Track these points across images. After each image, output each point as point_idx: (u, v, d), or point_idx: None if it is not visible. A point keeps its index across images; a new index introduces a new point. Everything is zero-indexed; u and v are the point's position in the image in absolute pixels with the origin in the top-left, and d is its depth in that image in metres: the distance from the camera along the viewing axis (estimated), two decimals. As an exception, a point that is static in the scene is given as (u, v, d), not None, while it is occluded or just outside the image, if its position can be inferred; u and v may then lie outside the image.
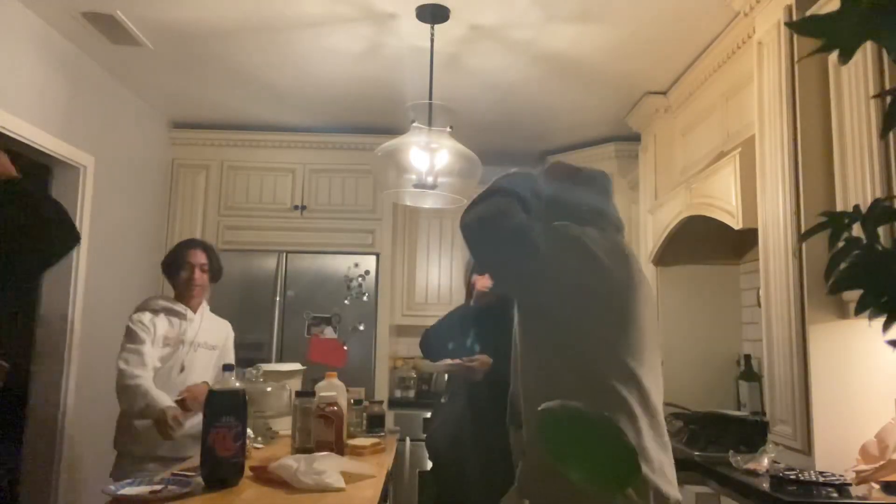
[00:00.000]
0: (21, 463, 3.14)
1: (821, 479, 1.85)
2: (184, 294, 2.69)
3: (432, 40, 2.92)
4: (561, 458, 0.58)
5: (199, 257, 2.70)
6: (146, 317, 2.57)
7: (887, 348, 0.58)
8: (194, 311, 2.70)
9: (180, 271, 2.67)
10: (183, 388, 2.53)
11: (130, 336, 2.52)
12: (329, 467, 1.84)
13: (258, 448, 2.35)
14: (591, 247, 1.36)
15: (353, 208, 4.41)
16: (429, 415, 3.75)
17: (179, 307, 2.66)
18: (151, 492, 1.67)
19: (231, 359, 2.80)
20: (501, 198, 1.40)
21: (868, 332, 1.96)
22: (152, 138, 4.20)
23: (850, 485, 1.82)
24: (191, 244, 2.76)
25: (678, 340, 3.41)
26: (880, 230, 0.60)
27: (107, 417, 3.48)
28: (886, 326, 0.56)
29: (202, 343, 2.68)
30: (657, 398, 1.38)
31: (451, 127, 2.77)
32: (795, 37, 2.23)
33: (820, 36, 0.56)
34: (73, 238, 1.77)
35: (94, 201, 3.49)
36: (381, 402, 2.85)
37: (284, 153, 4.44)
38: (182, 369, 2.58)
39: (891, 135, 1.76)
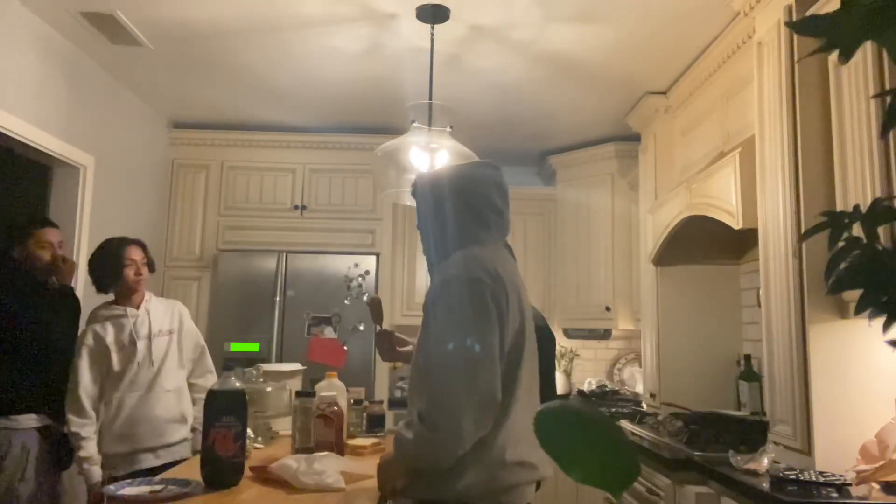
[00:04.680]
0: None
1: (821, 479, 1.85)
2: (129, 292, 2.63)
3: (432, 40, 2.91)
4: (560, 457, 0.58)
5: (139, 253, 2.66)
6: (89, 336, 2.53)
7: (887, 348, 0.58)
8: (137, 306, 2.64)
9: (124, 270, 2.59)
10: (159, 378, 2.57)
11: (72, 366, 2.50)
12: (329, 467, 1.84)
13: (258, 448, 2.35)
14: None
15: (353, 208, 4.40)
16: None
17: (118, 310, 2.60)
18: (151, 492, 1.67)
19: (196, 334, 2.81)
20: None
21: (868, 332, 1.96)
22: (152, 138, 4.20)
23: (850, 485, 1.82)
24: (126, 241, 2.67)
25: (678, 340, 3.42)
26: (880, 230, 0.60)
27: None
28: (886, 326, 0.56)
29: (157, 332, 2.64)
30: None
31: (451, 127, 2.77)
32: (795, 37, 2.23)
33: (820, 36, 0.56)
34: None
35: (94, 201, 3.49)
36: (381, 402, 2.85)
37: (284, 153, 4.44)
38: (151, 363, 2.58)
39: (891, 135, 1.76)
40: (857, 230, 0.60)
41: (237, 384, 1.86)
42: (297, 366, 2.96)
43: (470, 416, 1.43)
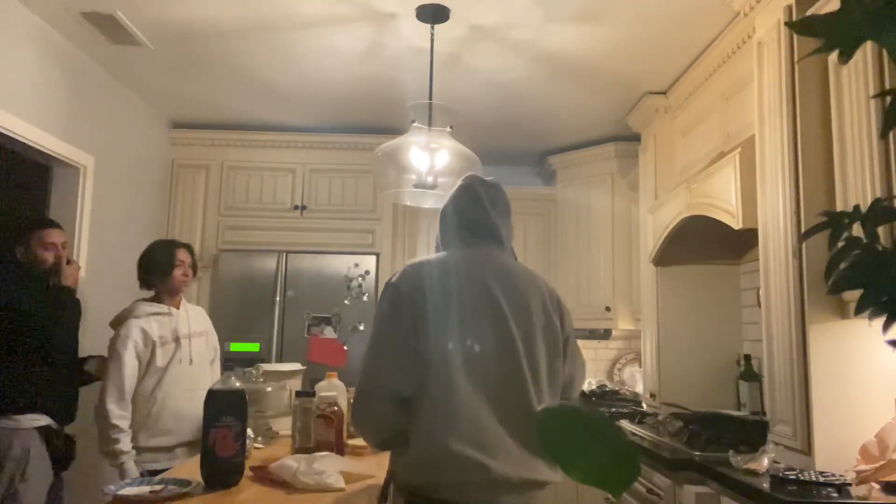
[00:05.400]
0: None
1: (821, 479, 1.85)
2: (174, 292, 2.75)
3: (432, 40, 2.92)
4: (561, 457, 0.58)
5: (187, 256, 2.79)
6: (135, 329, 2.59)
7: (887, 348, 0.58)
8: (177, 307, 2.76)
9: (172, 271, 2.72)
10: (199, 377, 2.69)
11: (114, 358, 2.55)
12: (329, 467, 1.84)
13: (258, 448, 2.35)
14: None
15: (353, 208, 4.41)
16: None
17: (163, 308, 2.70)
18: (152, 492, 1.67)
19: (215, 337, 2.95)
20: None
21: (868, 332, 1.96)
22: (152, 138, 4.21)
23: (850, 485, 1.82)
24: (177, 244, 2.82)
25: (678, 340, 3.42)
26: (880, 230, 0.60)
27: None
28: (886, 326, 0.56)
29: (194, 333, 2.76)
30: None
31: (451, 127, 2.77)
32: (795, 37, 2.23)
33: (820, 36, 0.56)
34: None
35: (94, 201, 3.49)
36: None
37: (284, 153, 4.44)
38: (191, 361, 2.70)
39: (891, 135, 1.76)
40: (857, 230, 0.60)
41: (237, 384, 1.86)
42: (297, 366, 2.97)
43: (367, 406, 1.61)
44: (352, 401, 1.65)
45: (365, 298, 4.24)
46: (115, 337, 2.59)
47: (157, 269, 2.72)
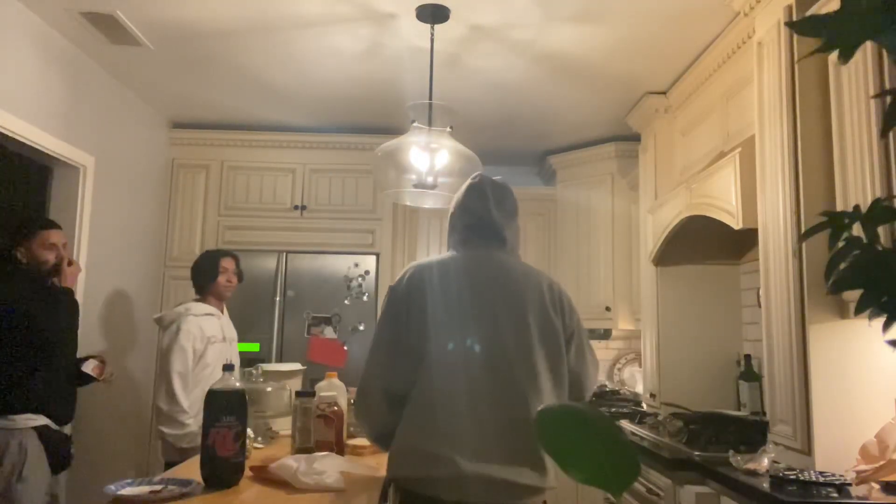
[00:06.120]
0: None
1: (821, 479, 1.85)
2: (219, 297, 3.09)
3: (432, 40, 2.91)
4: (560, 457, 0.58)
5: (232, 264, 3.12)
6: (194, 325, 2.87)
7: (887, 348, 0.58)
8: (221, 311, 3.10)
9: (218, 277, 3.05)
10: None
11: (178, 350, 2.81)
12: (329, 467, 1.84)
13: (258, 448, 2.35)
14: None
15: (353, 208, 4.41)
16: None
17: (213, 310, 3.02)
18: (151, 492, 1.67)
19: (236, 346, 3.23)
20: None
21: (868, 332, 1.96)
22: (152, 138, 4.20)
23: (850, 485, 1.82)
24: (223, 253, 3.14)
25: (678, 340, 3.42)
26: (880, 230, 0.60)
27: (107, 417, 3.49)
28: (886, 326, 0.56)
29: (231, 337, 3.11)
30: None
31: (451, 127, 2.77)
32: (795, 37, 2.23)
33: (820, 36, 0.56)
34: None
35: (94, 201, 3.49)
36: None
37: (284, 153, 4.44)
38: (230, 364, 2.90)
39: (891, 135, 1.76)
40: (857, 230, 0.60)
41: (237, 384, 1.86)
42: (297, 366, 2.98)
43: (364, 401, 1.70)
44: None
45: (365, 298, 4.24)
46: (175, 332, 2.84)
47: (204, 276, 3.05)
